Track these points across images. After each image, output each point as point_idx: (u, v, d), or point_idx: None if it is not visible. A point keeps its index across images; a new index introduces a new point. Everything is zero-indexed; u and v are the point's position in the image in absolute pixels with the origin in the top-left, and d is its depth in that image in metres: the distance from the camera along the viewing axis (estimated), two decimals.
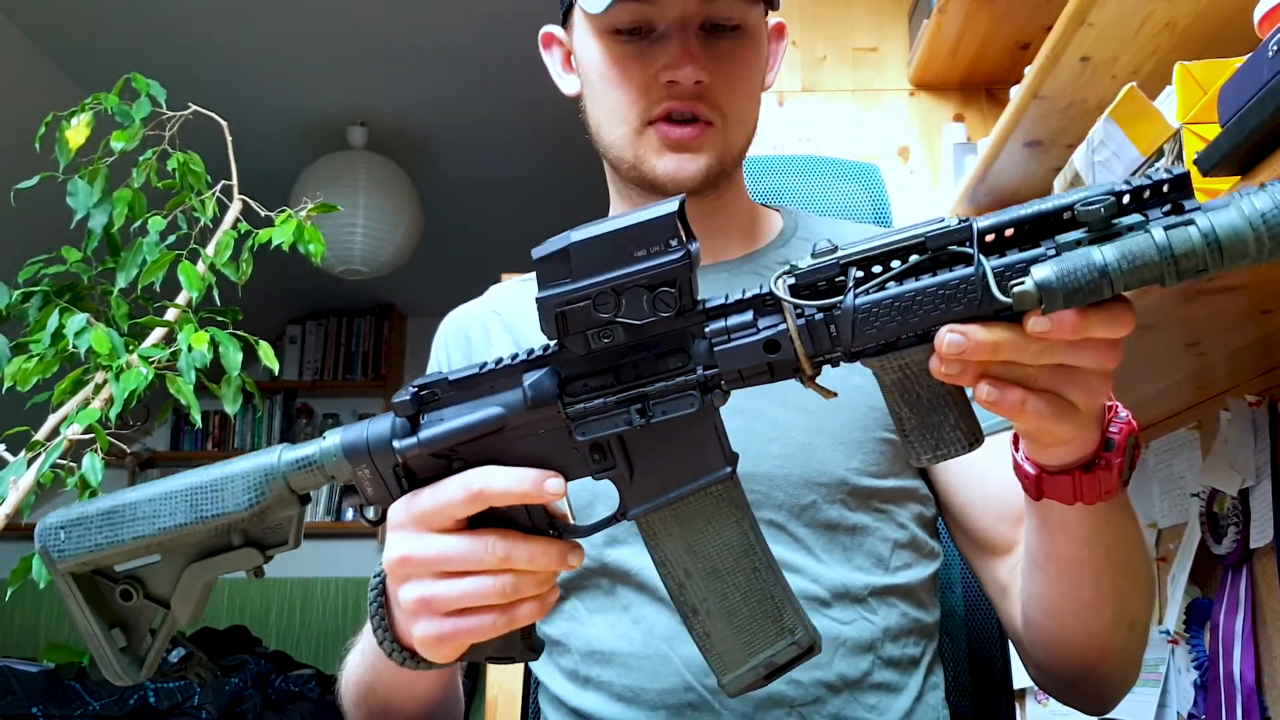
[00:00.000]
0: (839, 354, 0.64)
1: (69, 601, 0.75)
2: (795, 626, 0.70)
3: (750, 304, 0.66)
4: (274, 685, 3.92)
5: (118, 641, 0.75)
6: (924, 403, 0.64)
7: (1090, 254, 0.56)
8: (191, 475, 0.73)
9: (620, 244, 0.64)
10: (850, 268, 0.63)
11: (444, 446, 0.70)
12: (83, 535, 0.73)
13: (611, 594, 0.95)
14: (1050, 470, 0.71)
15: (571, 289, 0.65)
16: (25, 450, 1.27)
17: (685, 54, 0.94)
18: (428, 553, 0.68)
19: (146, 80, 1.40)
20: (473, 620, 0.69)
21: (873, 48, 2.43)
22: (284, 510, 0.72)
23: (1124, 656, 0.86)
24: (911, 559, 0.97)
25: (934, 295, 0.61)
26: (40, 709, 3.40)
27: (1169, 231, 0.56)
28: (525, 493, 0.67)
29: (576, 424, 0.68)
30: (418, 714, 0.89)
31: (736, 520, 0.70)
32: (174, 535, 0.73)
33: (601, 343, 0.66)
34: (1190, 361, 1.30)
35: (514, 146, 3.88)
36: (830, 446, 0.95)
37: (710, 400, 0.67)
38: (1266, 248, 0.55)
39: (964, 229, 0.60)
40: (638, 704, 0.92)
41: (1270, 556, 1.28)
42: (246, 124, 1.65)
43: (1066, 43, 1.42)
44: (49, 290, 1.34)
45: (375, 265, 3.82)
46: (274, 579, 4.90)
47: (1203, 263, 0.55)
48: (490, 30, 3.30)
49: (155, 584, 0.75)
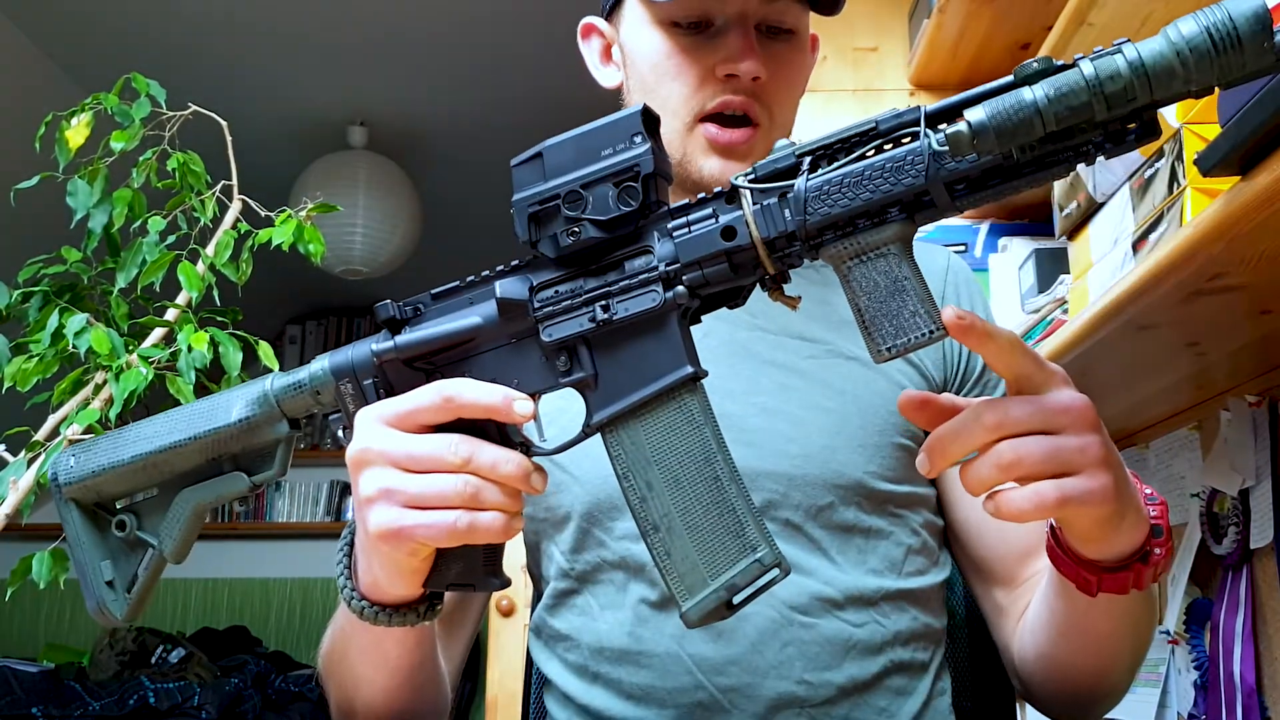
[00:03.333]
0: (798, 246, 0.65)
1: (68, 529, 0.78)
2: (758, 544, 0.68)
3: (712, 200, 0.69)
4: (274, 685, 3.92)
5: (105, 574, 0.78)
6: (882, 289, 0.64)
7: (1020, 93, 0.57)
8: (193, 405, 0.78)
9: (588, 144, 0.69)
10: (806, 158, 0.65)
11: (420, 352, 0.72)
12: (89, 458, 0.78)
13: (624, 590, 0.95)
14: (1108, 567, 0.70)
15: (543, 188, 0.70)
16: (25, 450, 1.27)
17: (747, 48, 0.94)
18: (391, 447, 0.69)
19: (146, 80, 1.40)
20: (432, 516, 0.68)
21: (873, 47, 2.43)
22: (272, 430, 0.76)
23: (1122, 689, 0.87)
24: (924, 565, 0.97)
25: (882, 169, 0.62)
26: (40, 709, 3.40)
27: (1095, 61, 0.56)
28: (493, 406, 0.68)
29: (544, 325, 0.71)
30: (389, 687, 0.86)
31: (698, 426, 0.69)
32: (169, 454, 0.76)
33: (569, 241, 0.69)
34: (1190, 361, 1.29)
35: (514, 146, 3.83)
36: (849, 449, 0.95)
37: (672, 298, 0.68)
38: (1192, 69, 0.54)
39: (913, 112, 0.62)
40: (648, 702, 0.92)
41: (1270, 557, 1.28)
42: (246, 124, 1.65)
43: (1067, 43, 1.42)
44: (49, 290, 1.34)
45: (375, 265, 3.82)
46: (274, 579, 4.90)
47: (1131, 90, 0.55)
48: (491, 30, 3.30)
49: (149, 517, 0.78)
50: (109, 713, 3.45)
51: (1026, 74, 0.57)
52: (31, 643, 4.62)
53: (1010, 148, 0.58)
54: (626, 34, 1.02)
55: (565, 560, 0.98)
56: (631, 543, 0.94)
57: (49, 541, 1.25)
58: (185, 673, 3.81)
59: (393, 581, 0.72)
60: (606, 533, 0.96)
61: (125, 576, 0.78)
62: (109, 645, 4.00)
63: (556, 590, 0.99)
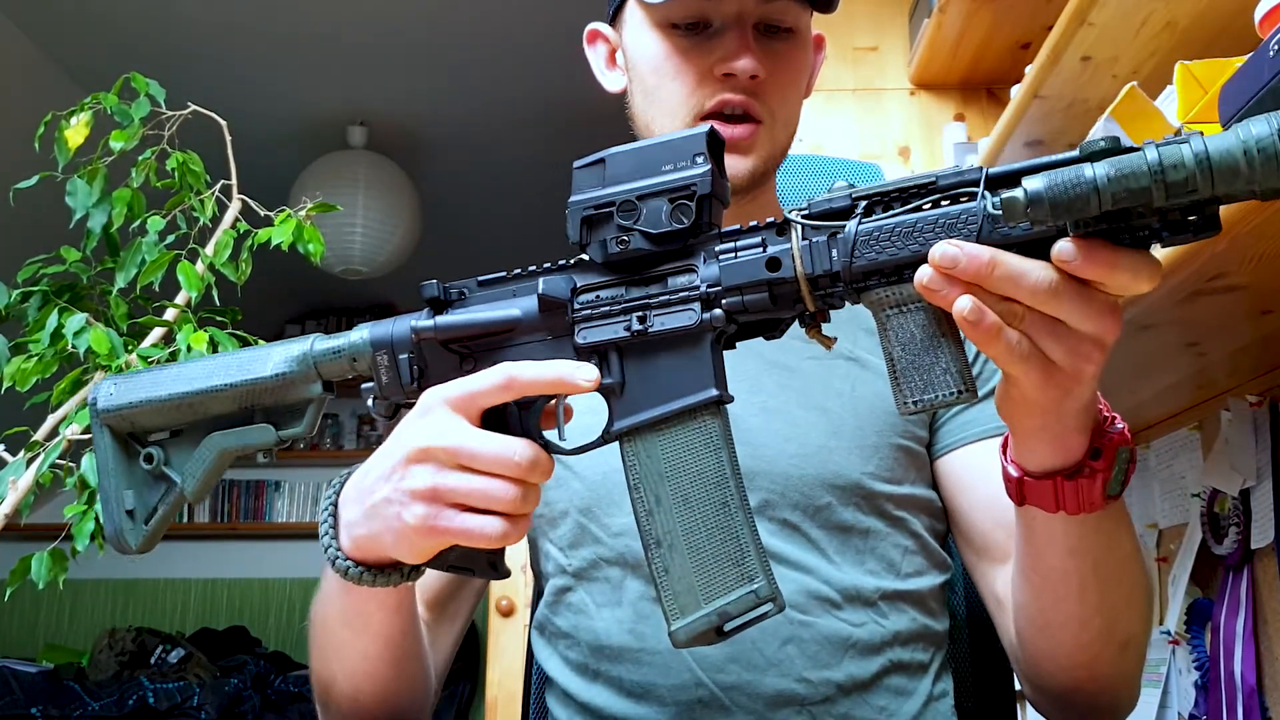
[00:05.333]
0: (840, 287, 0.65)
1: (99, 454, 0.81)
2: (756, 575, 0.68)
3: (763, 230, 0.69)
4: (273, 686, 3.92)
5: (126, 502, 0.80)
6: (917, 342, 0.64)
7: (1081, 168, 0.56)
8: (235, 353, 0.81)
9: (650, 158, 0.70)
10: (861, 201, 0.65)
11: (458, 335, 0.74)
12: (130, 389, 0.80)
13: (621, 587, 0.95)
14: (1033, 475, 0.70)
15: (600, 194, 0.70)
16: (24, 450, 1.27)
17: (743, 47, 0.95)
18: (457, 443, 0.69)
19: (146, 80, 1.40)
20: (475, 521, 0.68)
21: (873, 47, 2.43)
22: (306, 389, 0.78)
23: (1114, 675, 0.84)
24: (923, 566, 0.97)
25: (934, 223, 0.62)
26: (39, 709, 3.40)
27: (1161, 148, 0.55)
28: (559, 379, 0.69)
29: (580, 328, 0.71)
30: (370, 653, 0.85)
31: (715, 450, 0.70)
32: (206, 397, 0.78)
33: (617, 248, 0.70)
34: (1190, 361, 1.29)
35: (514, 146, 3.88)
36: (847, 450, 0.95)
37: (709, 320, 0.68)
38: (1257, 170, 0.54)
39: (974, 172, 0.62)
40: (648, 700, 0.92)
41: (1271, 557, 1.28)
42: (246, 124, 1.65)
43: (1067, 42, 1.42)
44: (48, 290, 1.34)
45: (375, 265, 3.82)
46: (273, 579, 4.91)
47: (1192, 181, 0.55)
48: (491, 30, 3.30)
49: (176, 454, 0.81)
50: (108, 713, 3.45)
51: (1092, 150, 0.57)
52: (31, 643, 4.62)
53: (1065, 221, 0.57)
54: (628, 38, 1.03)
55: (563, 556, 0.98)
56: (630, 539, 0.94)
57: (48, 541, 1.25)
58: (185, 673, 3.81)
59: (401, 555, 0.72)
60: (603, 529, 0.96)
61: (145, 508, 0.81)
62: (108, 645, 4.00)
63: (556, 587, 0.99)
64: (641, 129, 1.01)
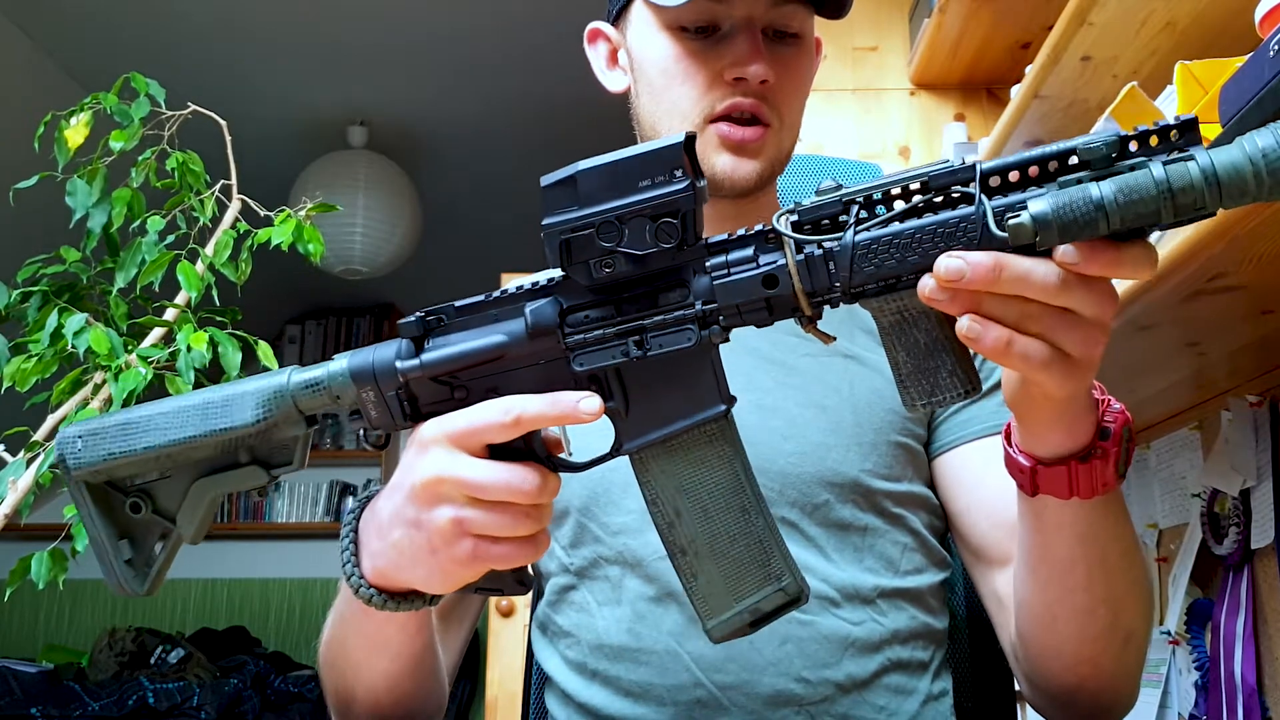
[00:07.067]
0: (838, 294, 0.64)
1: (81, 510, 0.77)
2: (783, 573, 0.70)
3: (752, 240, 0.67)
4: (273, 686, 3.92)
5: (124, 553, 0.77)
6: (921, 347, 0.64)
7: (1088, 189, 0.56)
8: (204, 391, 0.76)
9: (626, 173, 0.66)
10: (852, 205, 0.63)
11: (445, 370, 0.71)
12: (98, 444, 0.76)
13: (620, 586, 0.95)
14: (1046, 462, 0.70)
15: (577, 216, 0.66)
16: (24, 450, 1.27)
17: (754, 51, 0.95)
18: (467, 475, 0.68)
19: (146, 80, 1.40)
20: (498, 549, 0.69)
21: (873, 47, 2.43)
22: (290, 429, 0.75)
23: (1117, 671, 0.84)
24: (922, 564, 0.97)
25: (933, 233, 0.61)
26: (39, 709, 3.40)
27: (1168, 167, 0.55)
28: (563, 413, 0.68)
29: (575, 354, 0.69)
30: (391, 672, 0.86)
31: (728, 460, 0.70)
32: (183, 447, 0.75)
33: (603, 272, 0.67)
34: (1190, 361, 1.29)
35: (514, 146, 3.88)
36: (845, 447, 0.95)
37: (708, 337, 0.67)
38: (1266, 185, 0.54)
39: (967, 169, 0.61)
40: (646, 700, 0.92)
41: (1271, 557, 1.28)
42: (246, 124, 1.65)
43: (1067, 42, 1.42)
44: (48, 290, 1.34)
45: (375, 265, 3.82)
46: (273, 579, 4.90)
47: (1201, 199, 0.55)
48: (491, 30, 3.30)
49: (164, 499, 0.77)
50: (108, 713, 3.45)
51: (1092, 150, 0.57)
52: (30, 643, 4.62)
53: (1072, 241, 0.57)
54: (634, 39, 1.02)
55: (564, 555, 0.99)
56: (628, 538, 0.94)
57: (48, 541, 1.25)
58: (184, 673, 3.81)
59: (432, 587, 0.73)
60: (602, 528, 0.96)
61: (144, 554, 0.78)
62: (108, 646, 4.00)
63: (557, 586, 1.00)
64: (646, 130, 1.01)
